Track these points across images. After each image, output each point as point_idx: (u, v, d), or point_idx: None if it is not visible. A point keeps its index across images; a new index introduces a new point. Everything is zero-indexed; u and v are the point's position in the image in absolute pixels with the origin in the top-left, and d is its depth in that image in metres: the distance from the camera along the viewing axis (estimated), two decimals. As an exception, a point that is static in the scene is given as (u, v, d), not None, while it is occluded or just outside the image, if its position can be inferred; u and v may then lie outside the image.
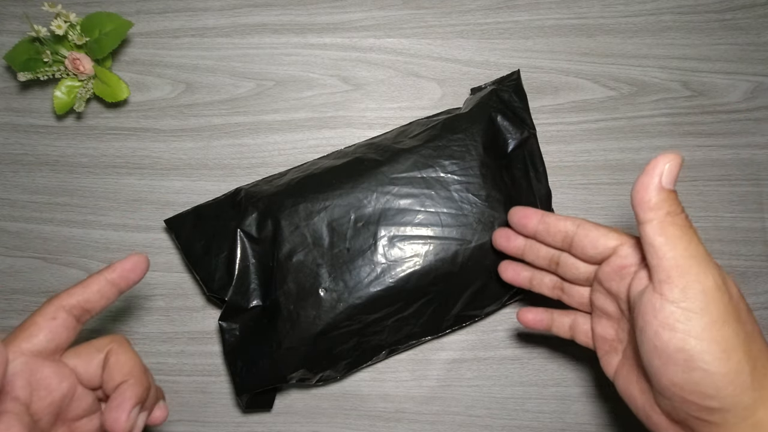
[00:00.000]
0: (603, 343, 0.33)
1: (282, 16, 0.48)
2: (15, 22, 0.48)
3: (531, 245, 0.35)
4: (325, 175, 0.41)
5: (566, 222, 0.32)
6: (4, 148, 0.47)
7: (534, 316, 0.37)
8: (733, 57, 0.47)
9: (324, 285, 0.39)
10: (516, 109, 0.43)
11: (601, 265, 0.31)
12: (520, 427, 0.44)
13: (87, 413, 0.30)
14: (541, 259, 0.35)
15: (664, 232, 0.26)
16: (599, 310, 0.33)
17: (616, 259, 0.30)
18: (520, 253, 0.36)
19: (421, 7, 0.48)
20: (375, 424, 0.44)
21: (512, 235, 0.36)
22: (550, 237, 0.33)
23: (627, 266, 0.30)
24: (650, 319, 0.26)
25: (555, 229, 0.33)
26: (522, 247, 0.36)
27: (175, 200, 0.46)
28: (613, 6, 0.48)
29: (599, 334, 0.33)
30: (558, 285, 0.36)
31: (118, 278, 0.30)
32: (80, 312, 0.29)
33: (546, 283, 0.36)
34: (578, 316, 0.35)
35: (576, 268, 0.33)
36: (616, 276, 0.30)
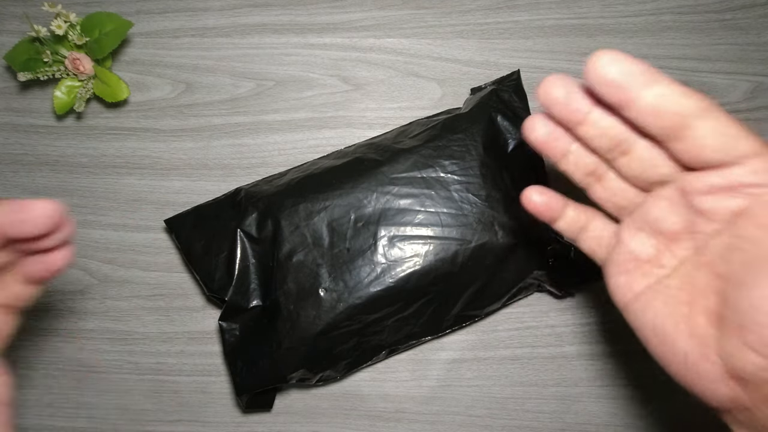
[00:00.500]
0: (628, 259, 0.26)
1: (282, 16, 0.48)
2: (15, 22, 0.48)
3: (602, 116, 0.24)
4: (325, 175, 0.41)
5: (690, 101, 0.22)
6: (4, 148, 0.47)
7: (545, 199, 0.29)
8: (733, 57, 0.47)
9: (324, 285, 0.39)
10: (516, 109, 0.43)
11: (703, 171, 0.23)
12: (520, 427, 0.44)
13: None
14: (606, 140, 0.25)
15: None
16: (647, 222, 0.25)
17: (737, 172, 0.22)
18: (576, 121, 0.25)
19: (421, 7, 0.48)
20: (375, 424, 0.44)
21: (579, 93, 0.24)
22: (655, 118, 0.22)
23: (751, 186, 0.22)
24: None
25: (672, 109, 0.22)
26: (585, 114, 0.24)
27: (175, 200, 0.46)
28: (613, 6, 0.48)
29: (630, 248, 0.26)
30: (598, 171, 0.27)
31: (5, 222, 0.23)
32: None
33: (584, 164, 0.27)
34: (598, 217, 0.28)
35: (654, 167, 0.24)
36: (725, 192, 0.23)
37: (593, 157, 0.26)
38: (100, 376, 0.44)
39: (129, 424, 0.44)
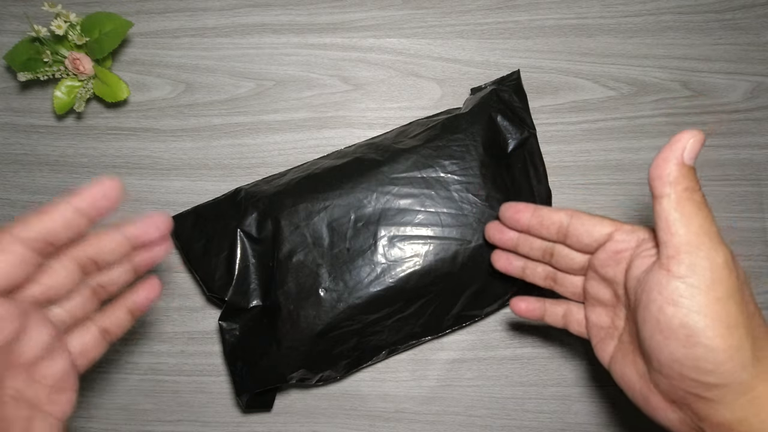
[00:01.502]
0: (598, 330, 0.33)
1: (282, 16, 0.48)
2: (15, 22, 0.48)
3: (524, 238, 0.35)
4: (325, 175, 0.41)
5: (559, 214, 0.33)
6: (4, 148, 0.47)
7: (527, 305, 0.37)
8: (733, 57, 0.47)
9: (324, 285, 0.39)
10: (516, 109, 0.43)
11: (596, 252, 0.32)
12: (520, 427, 0.44)
13: (46, 352, 0.27)
14: (535, 251, 0.35)
15: (680, 208, 0.26)
16: (593, 299, 0.33)
17: (611, 245, 0.30)
18: (513, 246, 0.36)
19: (421, 7, 0.48)
20: (375, 424, 0.44)
21: (505, 229, 0.36)
22: (544, 230, 0.33)
23: (623, 251, 0.30)
24: (655, 295, 0.26)
25: (549, 221, 0.33)
26: (515, 240, 0.36)
27: (175, 200, 0.46)
28: (613, 6, 0.48)
29: (594, 322, 0.33)
30: (551, 275, 0.36)
31: (86, 206, 0.27)
32: (42, 245, 0.25)
33: (539, 273, 0.36)
34: (571, 305, 0.35)
35: (570, 258, 0.33)
36: (612, 261, 0.31)
37: (542, 266, 0.36)
38: (100, 376, 0.44)
39: (129, 424, 0.44)
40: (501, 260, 0.38)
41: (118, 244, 0.30)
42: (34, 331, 0.26)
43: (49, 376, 0.27)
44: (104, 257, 0.29)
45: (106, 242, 0.29)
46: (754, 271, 0.45)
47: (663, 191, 0.26)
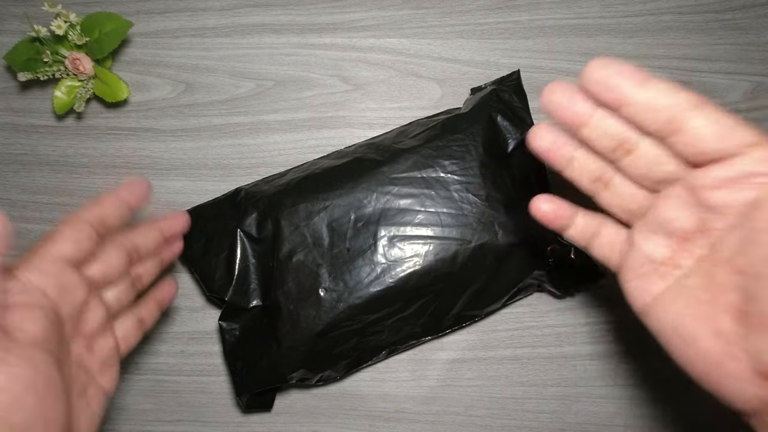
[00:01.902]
0: (643, 263, 0.26)
1: (282, 16, 0.48)
2: (15, 22, 0.48)
3: (603, 117, 0.25)
4: (325, 175, 0.41)
5: (682, 97, 0.23)
6: (4, 148, 0.47)
7: (554, 207, 0.29)
8: (733, 57, 0.47)
9: (324, 285, 0.39)
10: (516, 109, 0.43)
11: (708, 166, 0.23)
12: (520, 427, 0.44)
13: (101, 329, 0.31)
14: (608, 140, 0.25)
15: None
16: (659, 223, 0.25)
17: (745, 162, 0.22)
18: (579, 123, 0.25)
19: (421, 7, 0.48)
20: (375, 424, 0.44)
21: (579, 95, 0.25)
22: (651, 114, 0.23)
23: (759, 175, 0.22)
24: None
25: (664, 102, 0.23)
26: (588, 116, 0.25)
27: (175, 200, 0.46)
28: (613, 6, 0.48)
29: (644, 251, 0.26)
30: (605, 177, 0.27)
31: (129, 196, 0.32)
32: (99, 226, 0.30)
33: (590, 170, 0.27)
34: (608, 223, 0.28)
35: (658, 164, 0.24)
36: (734, 185, 0.23)
37: (598, 162, 0.27)
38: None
39: (129, 424, 0.44)
40: (546, 137, 0.27)
41: (154, 235, 0.35)
42: (94, 306, 0.30)
43: (102, 351, 0.31)
44: (144, 246, 0.34)
45: (146, 233, 0.34)
46: (754, 271, 0.45)
47: None
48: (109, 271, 0.32)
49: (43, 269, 0.28)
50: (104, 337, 0.31)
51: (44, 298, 0.27)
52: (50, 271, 0.28)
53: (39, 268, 0.28)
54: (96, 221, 0.30)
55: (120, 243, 0.32)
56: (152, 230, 0.35)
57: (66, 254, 0.29)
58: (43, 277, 0.28)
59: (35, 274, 0.27)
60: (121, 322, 0.33)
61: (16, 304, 0.26)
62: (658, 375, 0.44)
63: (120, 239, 0.33)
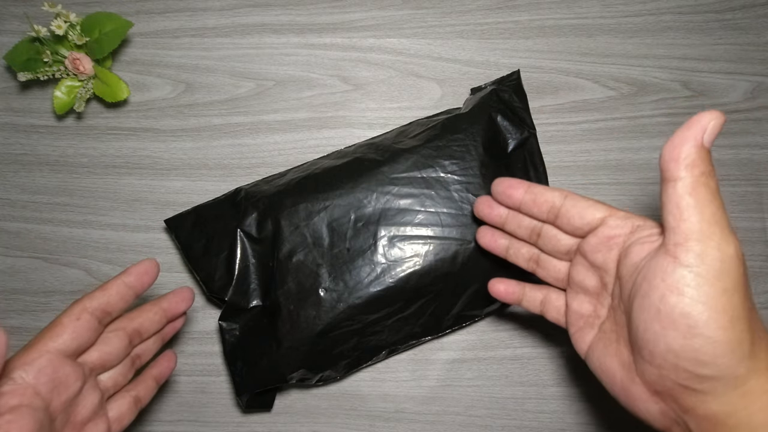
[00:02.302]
0: (578, 318, 0.32)
1: (282, 16, 0.48)
2: (15, 22, 0.48)
3: (514, 215, 0.35)
4: (325, 175, 0.41)
5: (553, 193, 0.32)
6: (4, 148, 0.47)
7: (505, 288, 0.36)
8: (733, 57, 0.47)
9: (324, 285, 0.39)
10: (516, 109, 0.43)
11: (586, 237, 0.31)
12: (520, 427, 0.44)
13: (94, 415, 0.30)
14: (523, 230, 0.34)
15: (695, 194, 0.24)
16: (578, 285, 0.32)
17: (604, 230, 0.30)
18: (501, 222, 0.35)
19: (421, 7, 0.48)
20: (375, 424, 0.44)
21: (495, 204, 0.35)
22: (536, 208, 0.32)
23: (616, 237, 0.29)
24: (658, 282, 0.25)
25: (542, 199, 0.32)
26: (504, 217, 0.35)
27: (175, 200, 0.46)
28: (613, 6, 0.48)
29: (575, 309, 0.32)
30: (534, 257, 0.35)
31: (134, 281, 0.32)
32: (102, 314, 0.31)
33: (523, 254, 0.35)
34: (551, 291, 0.35)
35: (558, 241, 0.32)
36: (604, 247, 0.30)
37: (526, 248, 0.35)
38: (100, 376, 0.44)
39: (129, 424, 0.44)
40: (486, 236, 0.37)
41: (157, 316, 0.34)
42: (88, 392, 0.30)
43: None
44: (147, 328, 0.34)
45: (149, 315, 0.34)
46: (754, 271, 0.45)
47: (677, 174, 0.25)
48: (109, 357, 0.31)
49: (39, 365, 0.27)
50: (96, 422, 0.31)
51: (36, 398, 0.27)
52: (46, 366, 0.28)
53: (34, 364, 0.27)
54: (98, 310, 0.30)
55: (122, 327, 0.32)
56: (156, 312, 0.34)
57: (64, 347, 0.29)
58: (37, 373, 0.27)
59: (30, 371, 0.27)
60: (116, 401, 0.33)
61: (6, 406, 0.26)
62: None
63: (122, 323, 0.33)
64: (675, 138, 0.25)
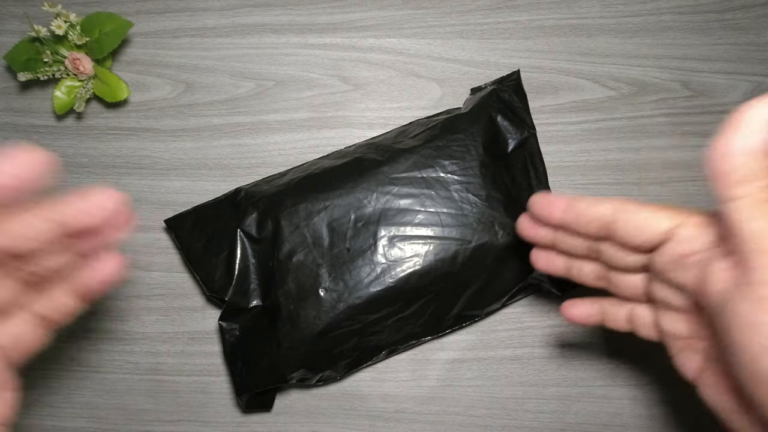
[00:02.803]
0: (674, 340, 0.26)
1: (282, 16, 0.48)
2: (15, 22, 0.48)
3: (562, 235, 0.29)
4: (325, 175, 0.41)
5: (601, 206, 0.26)
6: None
7: (582, 311, 0.30)
8: (733, 57, 0.47)
9: (324, 285, 0.39)
10: (516, 109, 0.43)
11: (653, 253, 0.25)
12: (520, 427, 0.44)
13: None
14: (578, 249, 0.29)
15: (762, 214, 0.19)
16: (663, 303, 0.26)
17: (673, 246, 0.23)
18: (550, 243, 0.30)
19: (421, 7, 0.48)
20: (375, 424, 0.44)
21: (538, 224, 0.30)
22: (582, 228, 0.27)
23: (690, 254, 0.23)
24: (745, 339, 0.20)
25: (587, 218, 0.26)
26: (551, 237, 0.30)
27: (175, 200, 0.46)
28: (613, 6, 0.48)
29: (668, 330, 0.26)
30: (603, 275, 0.29)
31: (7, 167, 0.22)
32: None
33: (588, 273, 0.29)
34: (636, 306, 0.29)
35: (622, 259, 0.26)
36: (678, 266, 0.24)
37: (590, 265, 0.29)
38: (100, 376, 0.44)
39: (129, 424, 0.44)
40: (540, 260, 0.32)
41: (45, 230, 0.23)
42: None
43: None
44: (23, 247, 0.23)
45: (25, 229, 0.22)
46: (754, 271, 0.45)
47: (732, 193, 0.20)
48: None
49: None
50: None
51: None
52: None
53: None
54: None
55: None
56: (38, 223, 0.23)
57: None
58: None
59: None
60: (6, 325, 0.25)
61: None
62: (659, 376, 0.44)
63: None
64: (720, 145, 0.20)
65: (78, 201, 0.23)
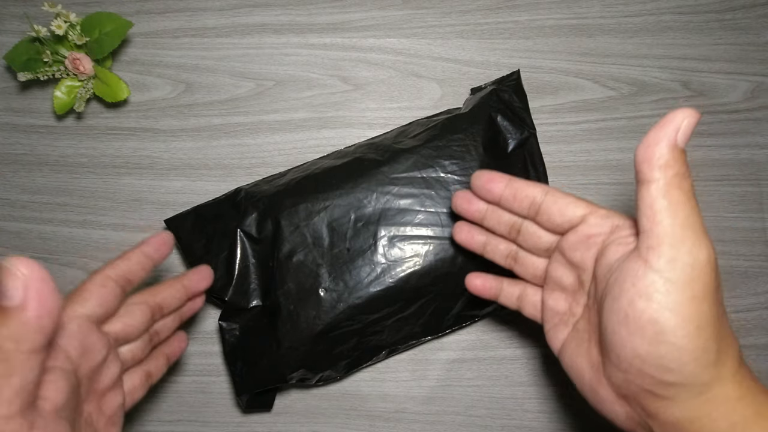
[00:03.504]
0: (553, 315, 0.32)
1: (282, 16, 0.48)
2: (15, 22, 0.48)
3: (493, 210, 0.34)
4: (325, 175, 0.41)
5: (535, 188, 0.31)
6: (4, 148, 0.47)
7: (482, 282, 0.36)
8: (733, 57, 0.47)
9: (324, 285, 0.39)
10: (516, 109, 0.43)
11: (566, 234, 0.30)
12: (520, 427, 0.44)
13: (113, 385, 0.30)
14: (502, 226, 0.34)
15: (669, 196, 0.24)
16: (554, 283, 0.32)
17: (584, 228, 0.29)
18: (479, 218, 0.35)
19: (421, 7, 0.48)
20: (375, 424, 0.44)
21: (474, 199, 0.34)
22: (516, 203, 0.32)
23: (594, 235, 0.29)
24: (628, 286, 0.25)
25: (523, 194, 0.31)
26: (483, 212, 0.34)
27: (175, 200, 0.46)
28: (613, 6, 0.48)
29: (550, 306, 0.32)
30: (512, 254, 0.34)
31: (152, 251, 0.33)
32: (124, 282, 0.31)
33: (500, 251, 0.35)
34: (528, 287, 0.34)
35: (538, 237, 0.32)
36: (582, 245, 0.29)
37: (504, 244, 0.34)
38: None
39: (129, 424, 0.44)
40: (463, 232, 0.36)
41: (179, 292, 0.34)
42: (111, 363, 0.30)
43: (110, 408, 0.30)
44: (168, 304, 0.34)
45: (172, 291, 0.34)
46: (754, 271, 0.45)
47: (651, 176, 0.24)
48: (131, 329, 0.31)
49: (69, 329, 0.27)
50: (114, 393, 0.30)
51: (67, 361, 0.26)
52: (76, 331, 0.27)
53: (65, 328, 0.27)
54: (121, 278, 0.30)
55: (144, 301, 0.32)
56: (178, 288, 0.34)
57: (92, 313, 0.29)
58: (68, 338, 0.27)
59: (62, 335, 0.27)
60: (130, 375, 0.33)
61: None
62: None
63: (145, 297, 0.33)
64: (648, 138, 0.24)
65: (195, 273, 0.36)
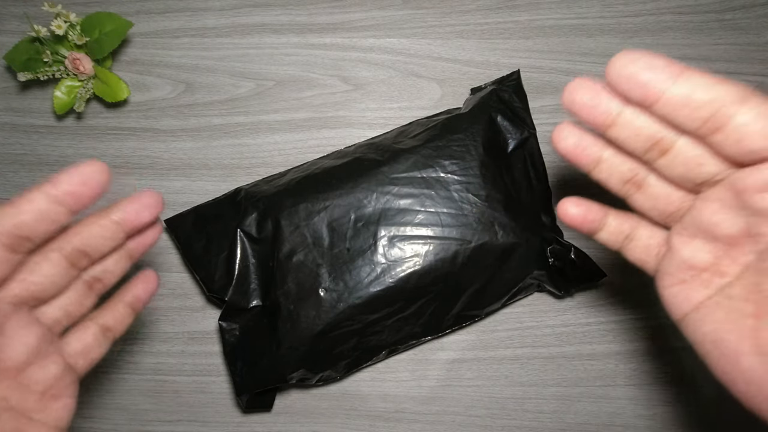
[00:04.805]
0: (681, 268, 0.24)
1: (282, 16, 0.48)
2: (15, 22, 0.48)
3: (632, 117, 0.22)
4: (325, 175, 0.41)
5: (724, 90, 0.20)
6: (4, 148, 0.47)
7: (582, 211, 0.27)
8: (733, 57, 0.47)
9: (324, 285, 0.39)
10: (516, 109, 0.43)
11: (749, 167, 0.21)
12: (520, 427, 0.44)
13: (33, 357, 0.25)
14: (639, 138, 0.23)
15: None
16: (700, 227, 0.23)
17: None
18: (605, 122, 0.23)
19: (421, 7, 0.48)
20: (375, 424, 0.44)
21: (604, 93, 0.23)
22: (688, 111, 0.20)
23: None
24: None
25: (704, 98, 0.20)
26: (614, 116, 0.23)
27: (175, 200, 0.46)
28: (613, 6, 0.48)
29: (682, 256, 0.24)
30: (637, 178, 0.25)
31: (63, 194, 0.23)
32: (15, 241, 0.23)
33: (620, 171, 0.25)
34: (643, 225, 0.26)
35: (698, 165, 0.22)
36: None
37: (629, 163, 0.25)
38: (101, 376, 0.44)
39: (129, 424, 0.44)
40: (569, 139, 0.25)
41: (109, 230, 0.26)
42: (17, 333, 0.24)
43: (40, 381, 0.25)
44: (95, 247, 0.26)
45: (95, 230, 0.26)
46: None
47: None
48: (40, 287, 0.25)
49: None
50: (41, 363, 0.25)
51: None
52: None
53: None
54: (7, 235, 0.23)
55: (57, 248, 0.25)
56: (105, 226, 0.26)
57: None
58: None
59: None
60: (76, 333, 0.28)
61: None
62: (659, 376, 0.44)
63: (57, 243, 0.25)
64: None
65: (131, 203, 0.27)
